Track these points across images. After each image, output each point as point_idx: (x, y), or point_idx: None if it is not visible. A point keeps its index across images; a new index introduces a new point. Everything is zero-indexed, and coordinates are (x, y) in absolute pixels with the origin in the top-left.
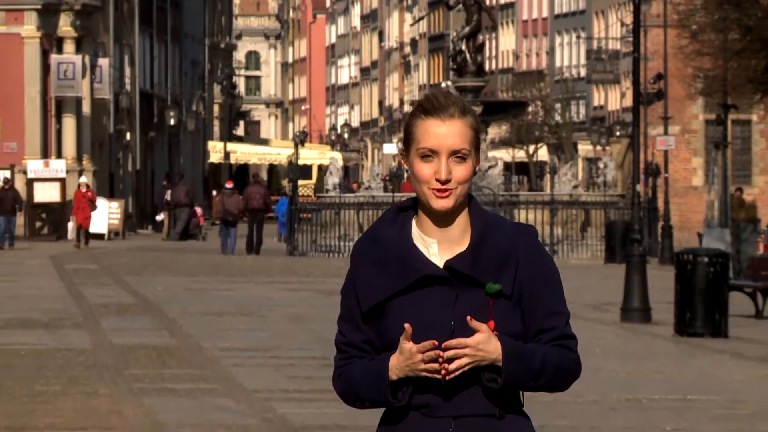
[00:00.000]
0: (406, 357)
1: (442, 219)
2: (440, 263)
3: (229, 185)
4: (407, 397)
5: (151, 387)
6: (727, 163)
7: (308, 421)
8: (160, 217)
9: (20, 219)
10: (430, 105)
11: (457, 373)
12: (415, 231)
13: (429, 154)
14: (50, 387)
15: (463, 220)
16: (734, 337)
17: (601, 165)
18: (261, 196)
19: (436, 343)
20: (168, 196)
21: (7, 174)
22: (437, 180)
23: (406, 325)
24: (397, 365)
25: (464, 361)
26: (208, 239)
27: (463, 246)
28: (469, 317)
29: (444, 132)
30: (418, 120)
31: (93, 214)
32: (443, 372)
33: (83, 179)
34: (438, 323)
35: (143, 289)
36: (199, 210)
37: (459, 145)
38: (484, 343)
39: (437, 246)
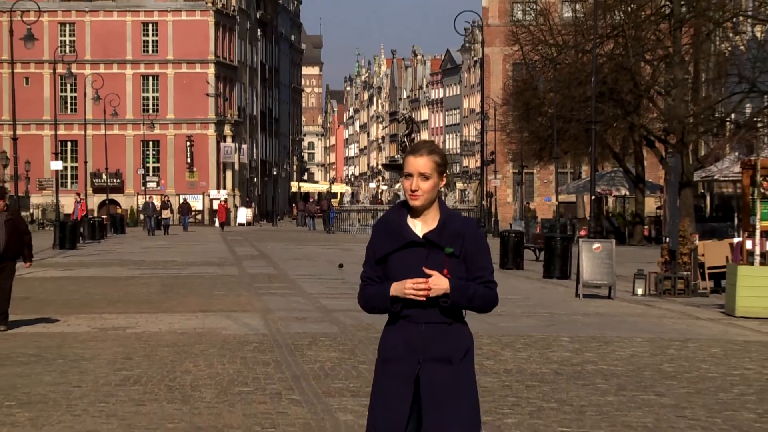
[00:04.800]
0: (404, 286)
1: (418, 211)
2: (420, 235)
3: (311, 200)
4: (399, 307)
5: (265, 292)
6: (522, 191)
7: (336, 307)
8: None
9: (193, 216)
10: (411, 148)
11: (431, 294)
12: (408, 217)
13: (408, 175)
14: (219, 292)
15: (433, 211)
16: (526, 269)
17: (467, 193)
18: (329, 204)
19: (421, 280)
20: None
21: (186, 197)
22: (411, 190)
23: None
24: (398, 288)
25: (432, 290)
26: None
27: (434, 226)
28: (424, 267)
29: (415, 162)
30: (406, 157)
31: (238, 214)
32: (424, 294)
33: (221, 198)
34: (415, 269)
35: (262, 247)
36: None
37: (423, 169)
38: (437, 279)
39: (420, 225)
